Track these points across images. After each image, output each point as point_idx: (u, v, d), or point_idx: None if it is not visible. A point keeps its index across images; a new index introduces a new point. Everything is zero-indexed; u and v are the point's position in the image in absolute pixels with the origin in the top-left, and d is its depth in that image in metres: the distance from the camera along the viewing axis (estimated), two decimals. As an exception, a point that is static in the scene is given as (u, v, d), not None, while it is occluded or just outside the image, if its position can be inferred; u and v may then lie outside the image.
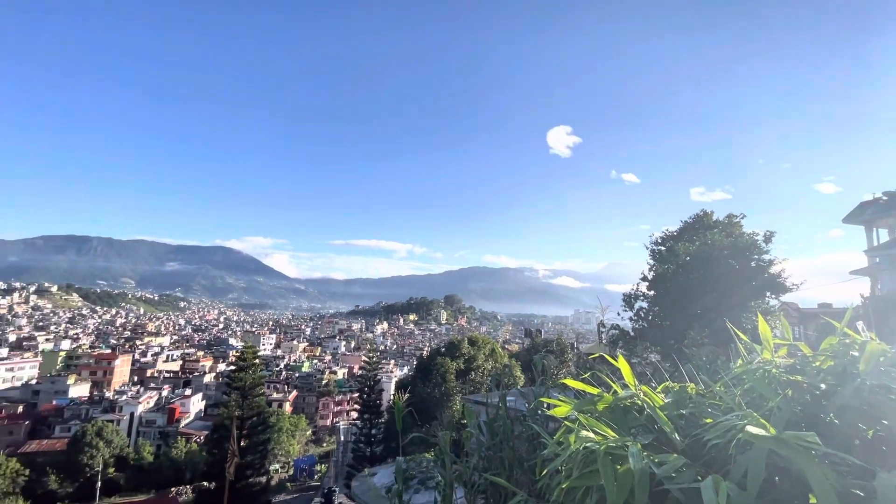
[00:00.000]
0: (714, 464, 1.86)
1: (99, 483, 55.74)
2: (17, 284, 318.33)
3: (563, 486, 1.86)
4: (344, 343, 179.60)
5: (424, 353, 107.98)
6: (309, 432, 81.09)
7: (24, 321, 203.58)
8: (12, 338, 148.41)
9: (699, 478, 1.68)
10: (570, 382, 2.58)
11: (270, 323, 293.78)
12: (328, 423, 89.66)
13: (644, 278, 20.30)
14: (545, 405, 3.33)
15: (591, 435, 1.92)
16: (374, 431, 40.49)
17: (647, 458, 1.73)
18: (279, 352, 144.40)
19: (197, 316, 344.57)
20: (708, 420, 2.04)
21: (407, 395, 4.95)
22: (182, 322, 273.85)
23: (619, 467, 1.72)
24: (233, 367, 35.18)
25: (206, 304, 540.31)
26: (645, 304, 19.77)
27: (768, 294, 17.14)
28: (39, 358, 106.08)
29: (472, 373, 48.33)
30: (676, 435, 1.99)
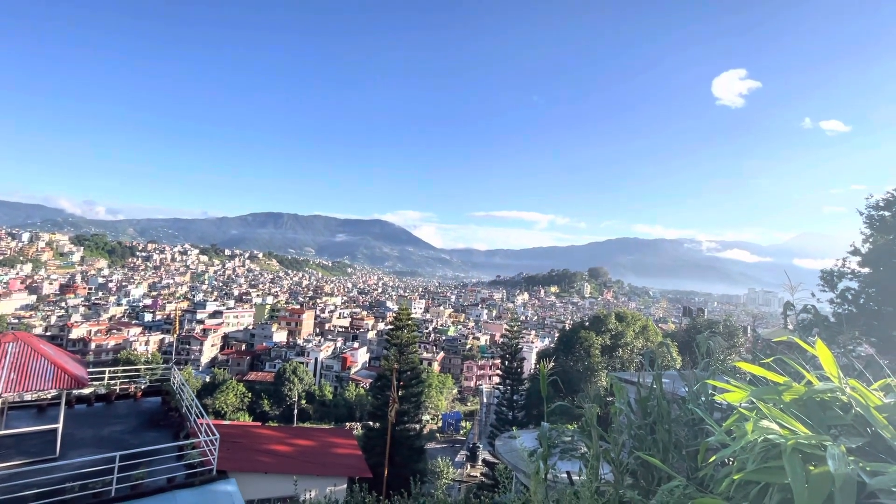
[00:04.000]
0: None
1: (296, 410, 69.87)
2: (237, 252, 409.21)
3: (735, 478, 1.65)
4: (486, 311, 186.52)
5: (567, 325, 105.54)
6: (455, 391, 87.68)
7: (242, 280, 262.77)
8: (236, 292, 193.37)
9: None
10: (745, 366, 2.25)
11: (420, 289, 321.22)
12: (472, 384, 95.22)
13: (855, 251, 16.10)
14: (711, 389, 2.98)
15: (774, 427, 1.65)
16: (515, 397, 41.60)
17: (854, 463, 1.43)
18: (428, 316, 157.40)
19: (361, 281, 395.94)
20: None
21: (551, 365, 4.94)
22: (349, 285, 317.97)
23: (811, 468, 1.46)
24: (391, 326, 39.63)
25: (367, 270, 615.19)
26: (854, 284, 15.74)
27: None
28: (253, 309, 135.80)
29: (620, 349, 45.55)
30: (901, 443, 1.59)
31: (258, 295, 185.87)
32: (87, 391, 15.97)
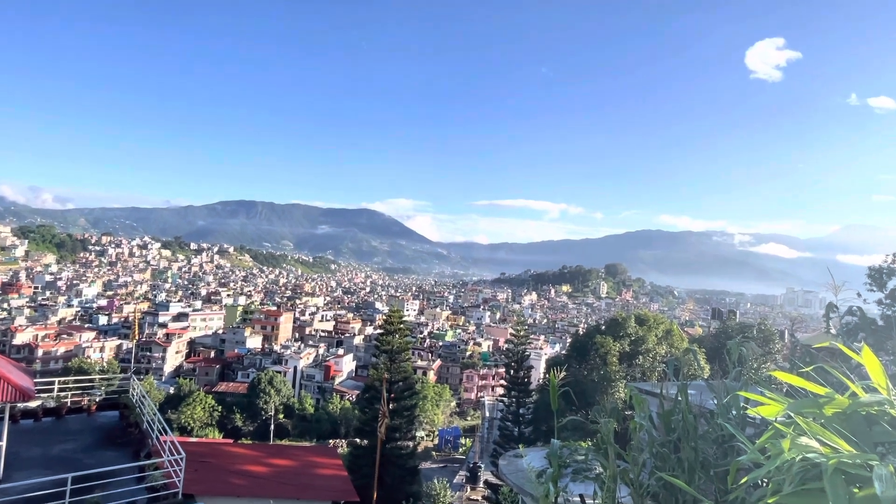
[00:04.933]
0: None
1: (272, 426, 70.08)
2: (205, 245, 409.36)
3: (770, 502, 1.67)
4: (489, 313, 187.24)
5: (580, 329, 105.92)
6: (453, 404, 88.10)
7: (210, 278, 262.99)
8: (203, 292, 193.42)
9: None
10: (781, 376, 2.26)
11: (414, 288, 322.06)
12: (472, 396, 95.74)
13: (907, 246, 16.22)
14: (743, 402, 3.00)
15: (814, 444, 1.67)
16: (522, 411, 41.87)
17: (903, 485, 1.44)
18: (422, 318, 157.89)
19: (346, 279, 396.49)
20: None
21: (563, 375, 4.96)
22: (333, 284, 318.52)
23: (855, 490, 1.48)
24: (380, 331, 39.82)
25: (353, 267, 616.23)
26: (906, 283, 15.89)
27: None
28: (223, 311, 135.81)
29: (640, 357, 45.80)
30: (957, 463, 1.60)
31: (229, 295, 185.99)
32: (33, 404, 15.96)
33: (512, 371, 44.31)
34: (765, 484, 2.01)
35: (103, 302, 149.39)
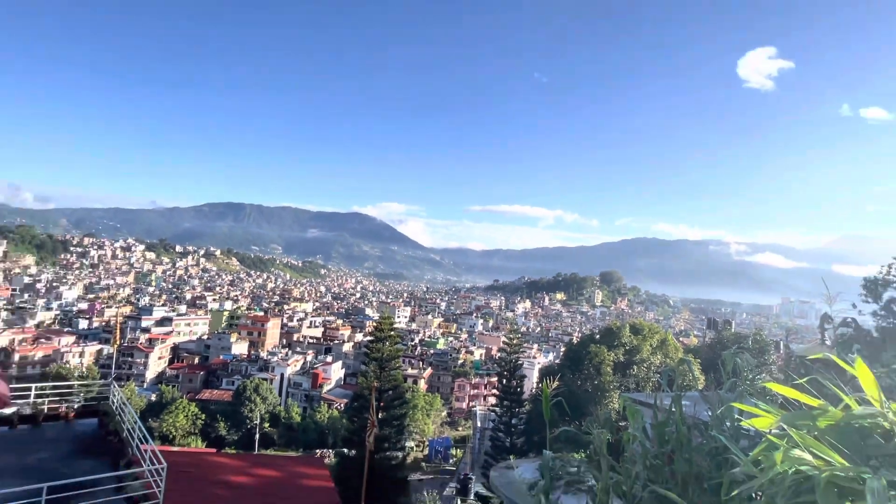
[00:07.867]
0: None
1: (257, 435, 69.43)
2: (191, 248, 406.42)
3: (762, 515, 1.69)
4: (481, 321, 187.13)
5: (574, 338, 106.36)
6: (444, 413, 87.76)
7: (196, 282, 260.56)
8: (188, 296, 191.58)
9: None
10: (776, 387, 2.29)
11: (405, 295, 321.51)
12: (464, 405, 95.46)
13: (902, 257, 16.48)
14: (737, 414, 3.03)
15: (807, 457, 1.69)
16: (514, 421, 41.93)
17: (895, 498, 1.46)
18: (414, 325, 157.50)
19: (336, 284, 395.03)
20: None
21: (556, 385, 4.98)
22: (322, 289, 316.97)
23: (848, 504, 1.50)
24: (370, 338, 39.71)
25: (343, 272, 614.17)
26: (901, 294, 16.11)
27: None
28: (209, 316, 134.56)
29: (635, 367, 46.25)
30: (949, 476, 1.63)
31: (215, 299, 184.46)
32: (8, 411, 15.71)
33: (504, 380, 44.39)
34: (758, 497, 2.03)
35: (84, 305, 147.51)
